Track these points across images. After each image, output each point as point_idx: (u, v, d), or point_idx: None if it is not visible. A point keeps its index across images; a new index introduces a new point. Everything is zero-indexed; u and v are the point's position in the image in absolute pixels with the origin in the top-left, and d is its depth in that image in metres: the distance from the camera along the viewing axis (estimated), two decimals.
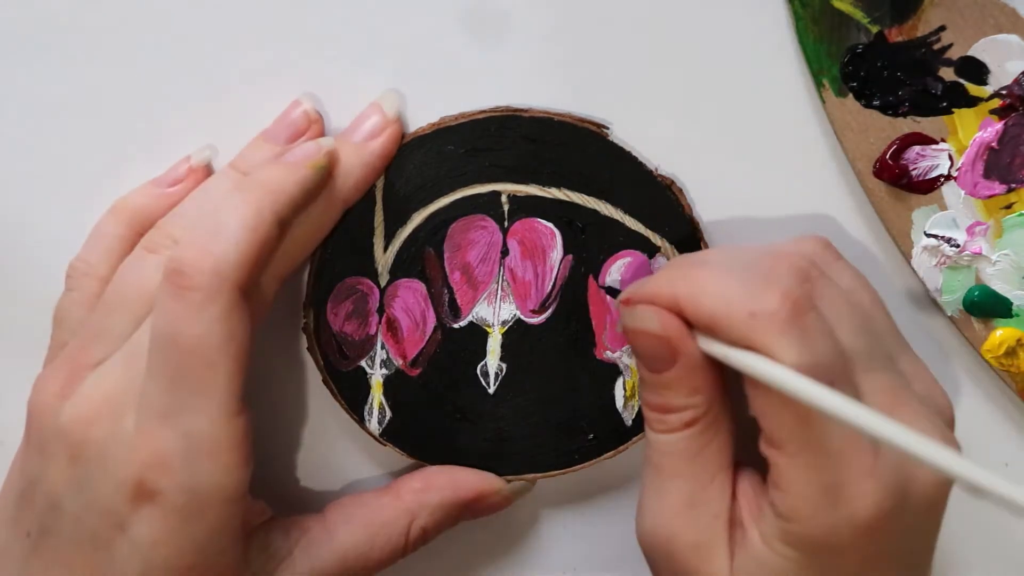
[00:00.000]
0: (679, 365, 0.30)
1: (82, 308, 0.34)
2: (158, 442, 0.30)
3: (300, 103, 0.35)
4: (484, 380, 0.36)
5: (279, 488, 0.38)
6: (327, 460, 0.38)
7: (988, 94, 0.35)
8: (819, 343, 0.28)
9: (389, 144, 0.35)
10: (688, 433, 0.31)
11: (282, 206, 0.31)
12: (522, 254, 0.35)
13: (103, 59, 0.35)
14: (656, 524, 0.31)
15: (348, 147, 0.34)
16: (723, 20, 0.36)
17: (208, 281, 0.29)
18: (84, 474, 0.31)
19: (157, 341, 0.30)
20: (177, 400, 0.30)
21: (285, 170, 0.32)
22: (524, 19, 0.36)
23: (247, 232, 0.30)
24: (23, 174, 0.36)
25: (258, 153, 0.34)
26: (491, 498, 0.36)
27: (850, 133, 0.35)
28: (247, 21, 0.35)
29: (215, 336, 0.30)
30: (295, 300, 0.36)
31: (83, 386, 0.31)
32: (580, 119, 0.35)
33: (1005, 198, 0.35)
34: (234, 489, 0.31)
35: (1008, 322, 0.36)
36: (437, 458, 0.36)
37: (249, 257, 0.30)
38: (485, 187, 0.35)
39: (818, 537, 0.29)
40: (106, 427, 0.30)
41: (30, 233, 0.36)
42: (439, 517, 0.35)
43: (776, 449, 0.29)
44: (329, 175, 0.33)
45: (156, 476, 0.30)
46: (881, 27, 0.35)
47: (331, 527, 0.34)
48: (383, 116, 0.35)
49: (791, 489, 0.29)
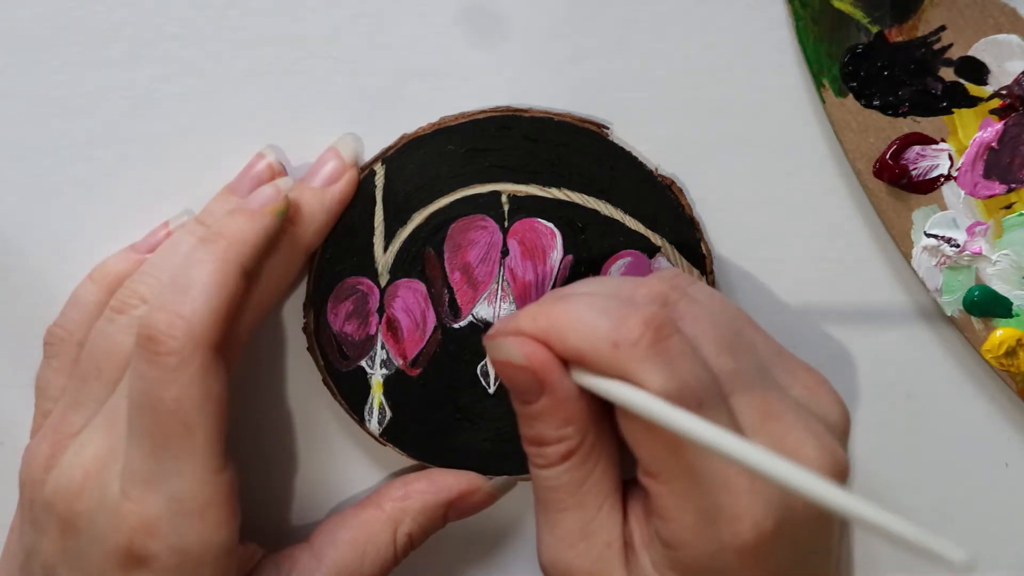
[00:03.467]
0: (547, 396, 0.29)
1: (62, 376, 0.34)
2: (144, 508, 0.30)
3: (263, 156, 0.35)
4: (484, 380, 0.36)
5: (279, 489, 0.38)
6: (327, 460, 0.38)
7: (988, 94, 0.35)
8: (684, 366, 0.28)
9: (347, 189, 0.35)
10: (568, 466, 0.30)
11: (247, 257, 0.31)
12: (522, 254, 0.35)
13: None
14: (552, 559, 0.31)
15: (308, 192, 0.34)
16: (723, 20, 0.36)
17: (181, 345, 0.30)
18: (75, 545, 0.31)
19: (135, 407, 0.30)
20: (160, 464, 0.30)
21: (247, 220, 0.32)
22: (524, 19, 0.36)
23: (215, 288, 0.30)
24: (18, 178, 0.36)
25: (223, 206, 0.34)
26: (473, 497, 0.36)
27: (850, 133, 0.35)
28: (249, 21, 0.35)
29: (193, 398, 0.30)
30: (295, 300, 0.36)
31: (65, 456, 0.32)
32: (580, 119, 0.35)
33: (1005, 198, 0.35)
34: (224, 544, 0.31)
35: (1008, 322, 0.36)
36: (437, 458, 0.36)
37: (220, 314, 0.30)
38: (485, 187, 0.35)
39: (703, 563, 0.28)
40: (92, 497, 0.31)
41: (30, 232, 0.36)
42: (422, 521, 0.35)
43: (652, 478, 0.29)
44: (291, 219, 0.33)
45: (146, 541, 0.30)
46: (881, 27, 0.35)
47: (319, 553, 0.35)
48: (340, 161, 0.35)
49: (670, 517, 0.28)
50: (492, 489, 0.36)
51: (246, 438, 0.37)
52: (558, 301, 0.30)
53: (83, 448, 0.31)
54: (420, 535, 0.35)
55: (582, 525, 0.30)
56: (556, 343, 0.29)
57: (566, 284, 0.35)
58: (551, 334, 0.29)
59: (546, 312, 0.29)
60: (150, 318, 0.30)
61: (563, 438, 0.30)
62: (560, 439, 0.30)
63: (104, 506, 0.30)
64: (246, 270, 0.31)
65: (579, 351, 0.29)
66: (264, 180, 0.35)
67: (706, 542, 0.28)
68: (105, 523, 0.30)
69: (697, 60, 0.36)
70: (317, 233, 0.34)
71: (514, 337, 0.29)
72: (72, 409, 0.33)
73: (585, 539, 0.30)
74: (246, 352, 0.37)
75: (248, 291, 0.32)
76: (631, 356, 0.28)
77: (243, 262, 0.31)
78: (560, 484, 0.30)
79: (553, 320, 0.29)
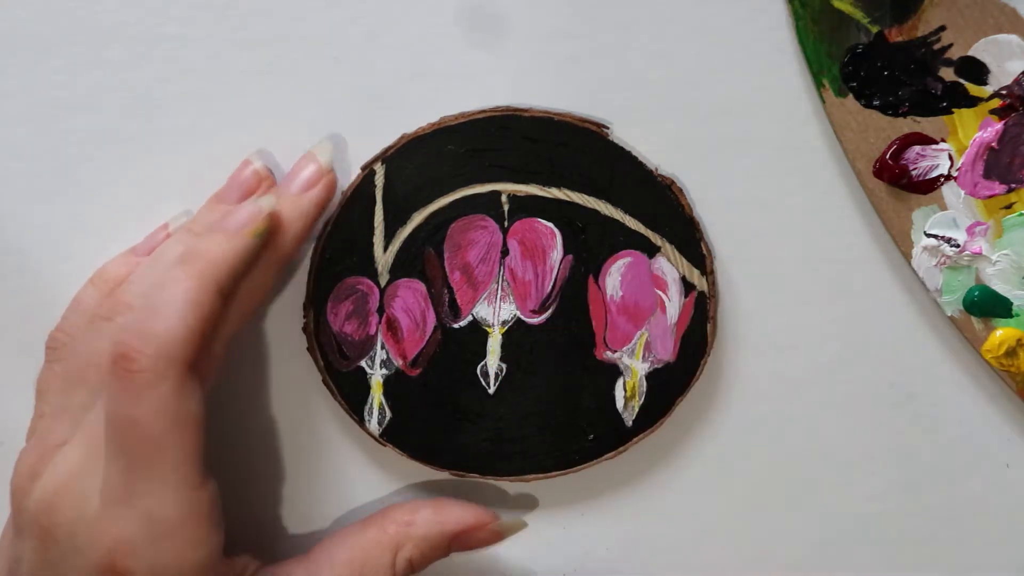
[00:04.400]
0: None
1: (58, 381, 0.34)
2: (121, 525, 0.30)
3: (250, 162, 0.35)
4: (484, 380, 0.36)
5: (278, 489, 0.38)
6: (327, 460, 0.38)
7: (988, 94, 0.35)
8: None
9: (324, 194, 0.35)
10: None
11: (224, 277, 0.31)
12: (522, 254, 0.35)
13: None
14: None
15: (286, 199, 0.34)
16: (723, 20, 0.36)
17: (153, 364, 0.29)
18: (57, 556, 0.31)
19: (109, 425, 0.30)
20: (134, 483, 0.30)
21: (225, 240, 0.32)
22: (524, 19, 0.36)
23: (190, 307, 0.30)
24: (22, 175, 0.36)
25: (211, 216, 0.34)
26: (479, 533, 0.35)
27: (850, 133, 0.35)
28: (249, 22, 0.35)
29: (166, 417, 0.30)
30: (295, 300, 0.36)
31: (49, 467, 0.32)
32: (580, 119, 0.35)
33: (1005, 198, 0.35)
34: (203, 562, 0.31)
35: (1008, 322, 0.36)
36: (437, 458, 0.36)
37: (193, 333, 0.30)
38: (485, 187, 0.35)
39: None
40: (72, 510, 0.31)
41: (30, 232, 0.36)
42: (424, 549, 0.35)
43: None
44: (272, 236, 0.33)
45: (123, 559, 0.30)
46: (881, 27, 0.35)
47: (314, 571, 0.34)
48: (318, 166, 0.35)
49: None
50: (499, 528, 0.35)
51: (245, 439, 0.37)
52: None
53: (64, 460, 0.31)
54: (421, 562, 0.35)
55: None
56: None
57: (566, 284, 0.35)
58: None
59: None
60: (122, 336, 0.30)
61: None
62: None
63: (83, 521, 0.31)
64: (222, 289, 0.31)
65: None
66: (251, 187, 0.35)
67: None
68: (84, 538, 0.30)
69: (697, 60, 0.36)
70: (295, 240, 0.34)
71: None
72: (58, 418, 0.33)
73: None
74: (246, 352, 0.37)
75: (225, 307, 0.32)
76: None
77: (219, 281, 0.31)
78: None
79: None
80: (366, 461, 0.38)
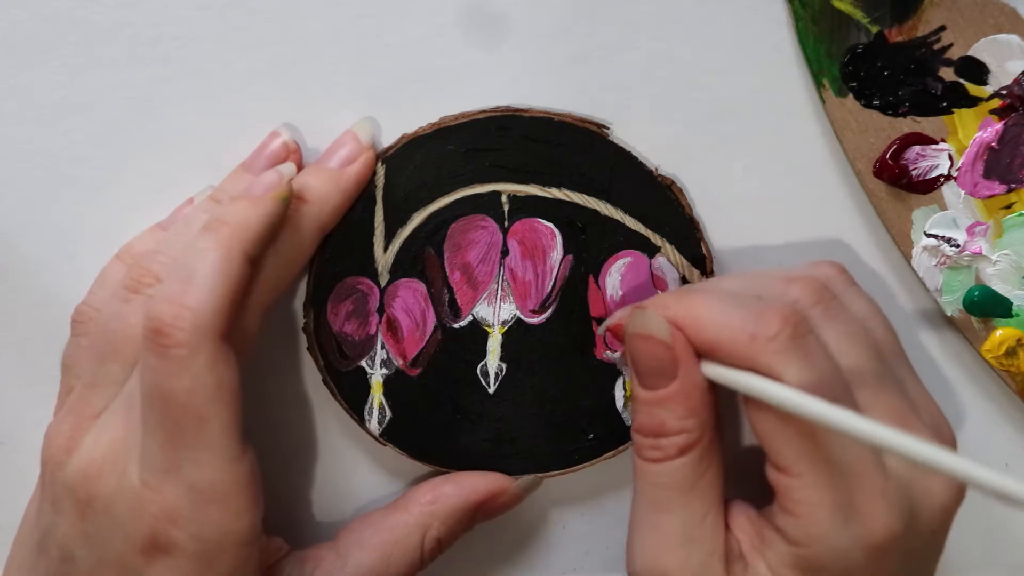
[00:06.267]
0: (678, 381, 0.30)
1: (88, 354, 0.34)
2: (165, 496, 0.30)
3: (278, 134, 0.35)
4: (484, 380, 0.36)
5: (278, 489, 0.38)
6: (327, 460, 0.38)
7: (988, 94, 0.35)
8: (820, 362, 0.29)
9: (363, 171, 0.35)
10: (682, 462, 0.30)
11: (250, 243, 0.31)
12: (522, 254, 0.35)
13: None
14: (648, 562, 0.30)
15: (324, 173, 0.34)
16: (723, 20, 0.36)
17: (189, 337, 0.29)
18: (94, 528, 0.31)
19: (148, 398, 0.30)
20: (177, 454, 0.30)
21: (249, 206, 0.32)
22: (524, 19, 0.36)
23: (219, 276, 0.30)
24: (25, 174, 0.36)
25: (238, 185, 0.34)
26: (500, 498, 0.36)
27: (850, 133, 0.35)
28: (249, 22, 0.35)
29: (205, 388, 0.30)
30: (295, 300, 0.36)
31: (86, 439, 0.32)
32: (580, 119, 0.35)
33: (1005, 198, 0.35)
34: (246, 533, 0.31)
35: (1008, 322, 0.36)
36: (437, 458, 0.36)
37: (225, 302, 0.30)
38: (485, 187, 0.35)
39: (829, 561, 0.29)
40: (111, 481, 0.31)
41: (30, 232, 0.36)
42: (451, 524, 0.35)
43: (783, 472, 0.29)
44: (306, 199, 0.33)
45: (167, 529, 0.30)
46: (881, 27, 0.35)
47: (344, 554, 0.34)
48: (358, 143, 0.35)
49: (801, 511, 0.29)
50: (519, 489, 0.36)
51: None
52: (695, 292, 0.31)
53: (102, 432, 0.31)
54: (448, 539, 0.35)
55: (686, 530, 0.30)
56: (690, 330, 0.30)
57: (566, 284, 0.35)
58: (688, 322, 0.30)
59: (686, 300, 0.30)
60: (155, 310, 0.30)
61: (684, 430, 0.30)
62: (681, 430, 0.30)
63: (123, 492, 0.30)
64: (249, 256, 0.31)
65: (716, 341, 0.29)
66: (279, 158, 0.35)
67: (838, 537, 0.28)
68: (125, 509, 0.30)
69: (697, 60, 0.36)
70: (332, 214, 0.34)
71: (663, 312, 0.30)
72: (92, 390, 0.32)
73: (687, 545, 0.30)
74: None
75: (257, 275, 0.32)
76: (768, 349, 0.28)
77: (246, 248, 0.31)
78: (671, 482, 0.30)
79: (692, 308, 0.30)
80: (366, 461, 0.38)
